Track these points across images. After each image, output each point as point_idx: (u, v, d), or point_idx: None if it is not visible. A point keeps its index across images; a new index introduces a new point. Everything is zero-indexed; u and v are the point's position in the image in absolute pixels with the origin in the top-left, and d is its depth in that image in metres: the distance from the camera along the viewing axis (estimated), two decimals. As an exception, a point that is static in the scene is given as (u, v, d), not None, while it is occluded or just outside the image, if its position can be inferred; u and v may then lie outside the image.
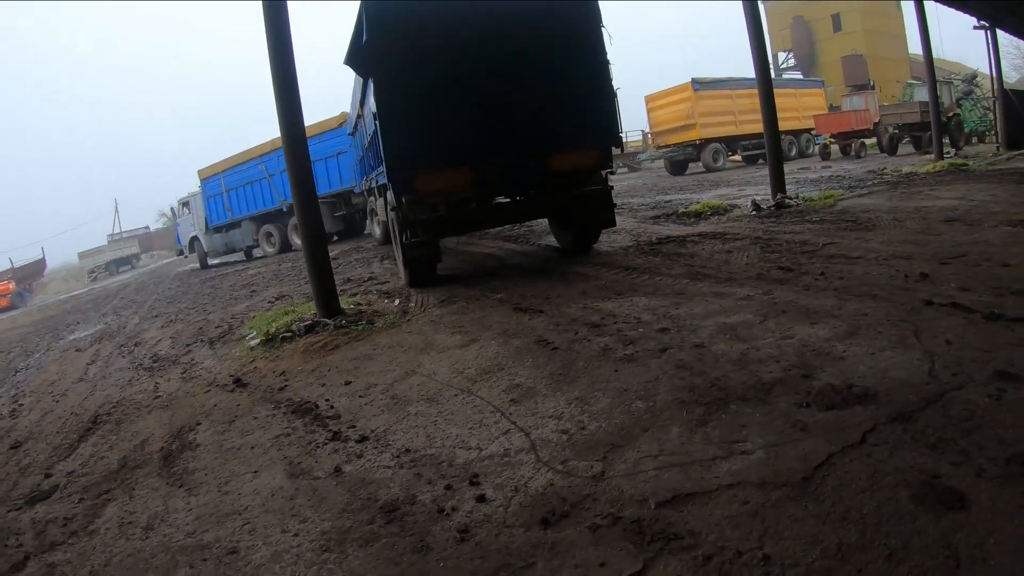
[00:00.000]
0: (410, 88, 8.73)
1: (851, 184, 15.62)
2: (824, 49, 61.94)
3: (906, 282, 5.91)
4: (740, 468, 3.09)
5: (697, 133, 31.72)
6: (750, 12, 13.15)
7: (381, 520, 3.26)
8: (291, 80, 8.11)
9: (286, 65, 8.07)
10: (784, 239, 8.85)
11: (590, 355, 5.18)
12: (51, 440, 6.00)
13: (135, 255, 64.92)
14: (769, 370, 4.20)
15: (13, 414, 7.52)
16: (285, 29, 8.08)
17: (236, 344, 8.37)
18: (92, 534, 3.83)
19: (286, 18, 8.10)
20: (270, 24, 8.02)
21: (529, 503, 3.15)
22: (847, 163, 25.30)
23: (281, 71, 8.05)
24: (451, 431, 4.21)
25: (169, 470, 4.58)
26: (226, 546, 3.34)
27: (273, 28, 8.02)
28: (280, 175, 23.74)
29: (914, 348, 4.24)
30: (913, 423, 3.25)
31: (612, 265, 8.86)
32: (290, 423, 4.99)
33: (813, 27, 62.85)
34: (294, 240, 24.23)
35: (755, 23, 13.24)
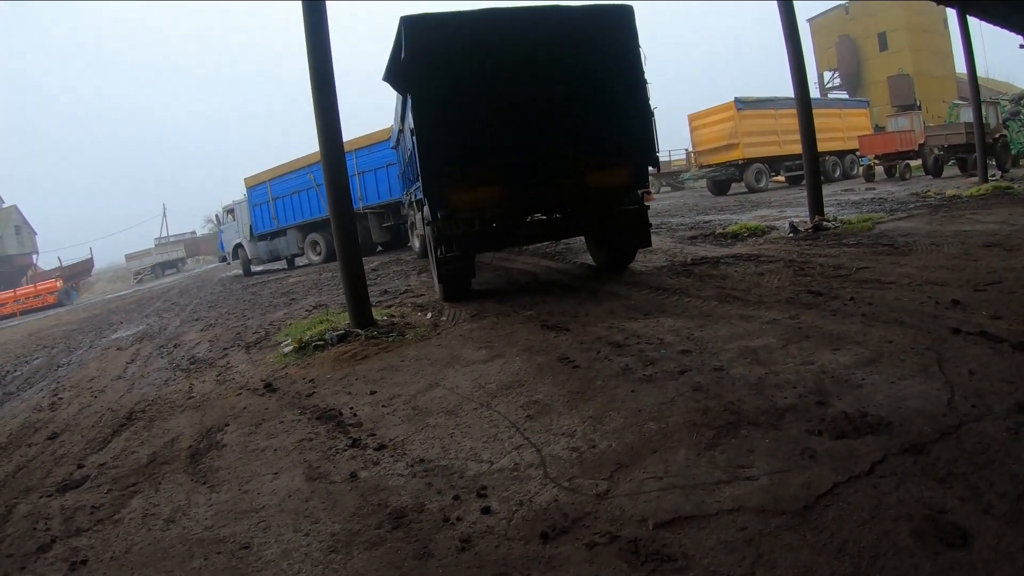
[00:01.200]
0: (447, 104, 8.86)
1: (892, 207, 15.46)
2: (870, 68, 61.33)
3: (936, 309, 5.83)
4: (742, 494, 3.09)
5: (740, 153, 31.52)
6: (788, 30, 13.05)
7: (389, 525, 3.33)
8: (330, 92, 8.30)
9: (325, 77, 8.26)
10: (818, 262, 8.78)
11: (609, 374, 5.20)
12: (86, 433, 6.20)
13: (181, 259, 65.84)
14: (784, 396, 4.19)
15: (52, 407, 7.77)
16: (324, 40, 8.28)
17: (271, 350, 8.50)
18: (116, 523, 3.97)
19: (326, 28, 8.28)
20: (310, 36, 8.22)
21: (532, 517, 3.18)
22: (891, 185, 25.04)
23: (320, 82, 8.24)
24: (466, 444, 4.27)
25: (195, 467, 4.73)
26: (240, 541, 3.44)
27: (313, 40, 8.22)
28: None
29: (935, 377, 4.18)
30: (925, 455, 3.20)
31: (643, 285, 8.85)
32: (314, 428, 5.09)
33: (859, 45, 62.29)
34: None
35: (794, 41, 13.13)
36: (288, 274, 22.95)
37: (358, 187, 22.99)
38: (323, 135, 8.31)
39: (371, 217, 23.87)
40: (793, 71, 13.20)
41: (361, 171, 23.21)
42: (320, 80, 8.24)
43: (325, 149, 8.37)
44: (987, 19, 22.62)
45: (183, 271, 60.95)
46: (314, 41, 8.22)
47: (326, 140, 8.33)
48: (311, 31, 8.21)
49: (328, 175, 8.46)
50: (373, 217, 23.89)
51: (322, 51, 8.24)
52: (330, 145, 8.36)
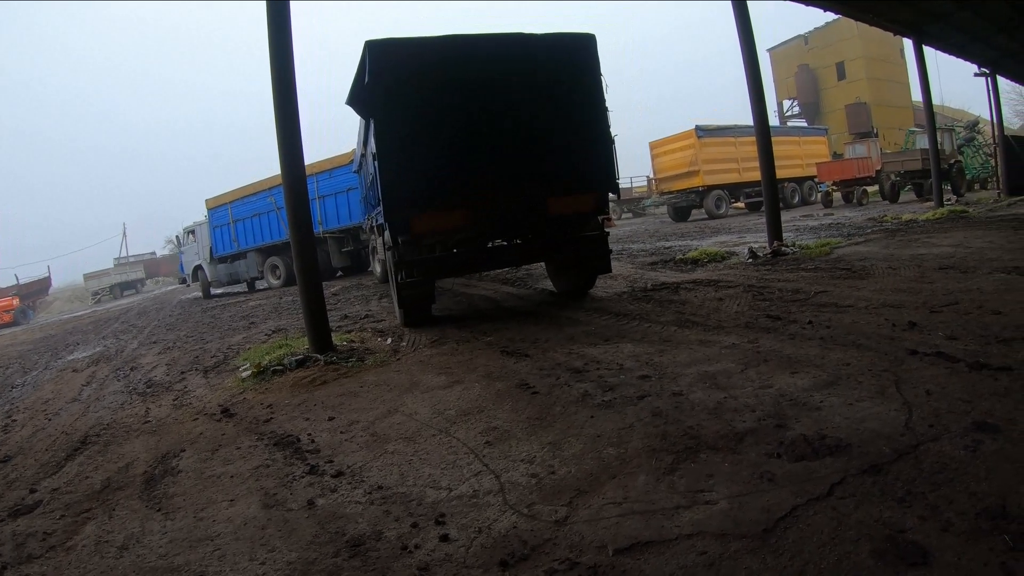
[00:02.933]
0: (409, 130, 8.83)
1: (850, 232, 15.69)
2: (829, 97, 62.53)
3: (893, 331, 5.92)
4: (702, 518, 3.09)
5: (700, 180, 31.94)
6: (748, 59, 13.25)
7: (346, 554, 3.28)
8: (293, 114, 8.29)
9: (288, 98, 8.22)
10: (777, 287, 8.87)
11: (568, 400, 5.19)
12: (40, 457, 6.07)
13: (140, 280, 65.27)
14: (743, 419, 4.20)
15: (5, 429, 7.62)
16: (288, 65, 8.22)
17: (229, 374, 8.41)
18: (69, 550, 3.89)
19: (290, 53, 8.24)
20: (275, 61, 8.18)
21: (491, 544, 3.15)
22: (849, 210, 25.46)
23: (283, 104, 8.21)
24: (424, 470, 4.22)
25: (150, 493, 4.63)
26: (195, 570, 3.37)
27: (278, 65, 8.18)
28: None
29: (893, 399, 4.23)
30: (883, 475, 3.23)
31: (604, 311, 8.87)
32: (271, 455, 5.02)
33: (818, 75, 63.58)
34: None
35: (753, 70, 13.32)
36: (248, 297, 22.80)
37: (318, 211, 23.06)
38: (284, 159, 8.27)
39: (331, 242, 23.88)
40: (753, 100, 13.39)
41: (321, 195, 23.28)
42: (283, 101, 8.22)
43: (286, 172, 8.32)
44: (944, 49, 23.12)
45: (142, 292, 60.34)
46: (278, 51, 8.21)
47: (287, 164, 8.29)
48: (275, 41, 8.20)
49: (289, 199, 8.43)
50: (333, 242, 23.90)
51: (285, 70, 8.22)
52: (291, 169, 8.32)
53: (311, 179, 22.17)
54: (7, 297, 52.14)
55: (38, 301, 58.14)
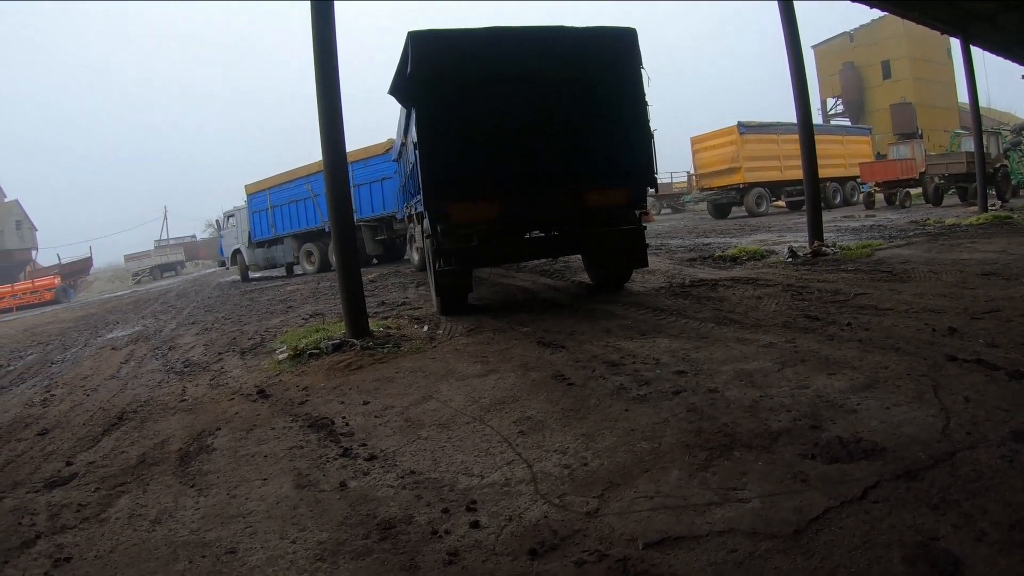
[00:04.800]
0: (450, 119, 9.02)
1: (892, 234, 15.48)
2: (873, 96, 61.56)
3: (933, 336, 5.83)
4: (733, 516, 3.07)
5: (741, 177, 31.70)
6: (793, 56, 13.12)
7: (376, 536, 3.31)
8: (335, 101, 8.37)
9: (331, 87, 8.32)
10: (816, 287, 8.79)
11: (604, 393, 5.19)
12: (77, 431, 6.19)
13: (180, 262, 66.05)
14: (779, 419, 4.17)
15: (44, 403, 7.78)
16: (332, 54, 8.34)
17: (266, 356, 8.50)
18: (103, 522, 3.95)
19: (334, 45, 8.35)
20: (318, 51, 8.28)
21: (521, 533, 3.16)
22: (891, 213, 25.10)
23: (327, 93, 8.31)
24: (457, 457, 4.25)
25: (184, 470, 4.71)
26: (226, 546, 3.43)
27: (320, 53, 8.28)
28: (324, 196, 23.88)
29: (931, 404, 4.16)
30: (918, 481, 3.18)
31: (641, 305, 8.85)
32: (305, 436, 5.08)
33: (863, 73, 62.59)
34: (334, 260, 24.36)
35: (798, 67, 13.19)
36: (286, 282, 22.96)
37: (353, 200, 22.76)
38: (327, 145, 8.39)
39: (364, 230, 23.92)
40: (796, 98, 13.23)
41: (356, 184, 22.96)
42: (326, 89, 8.32)
43: (328, 160, 8.44)
44: (990, 49, 22.74)
45: (181, 274, 60.97)
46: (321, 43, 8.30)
47: (329, 151, 8.41)
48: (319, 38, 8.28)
49: (330, 186, 8.58)
50: (367, 230, 24.00)
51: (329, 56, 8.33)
52: (333, 156, 8.44)
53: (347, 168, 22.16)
54: (49, 276, 53.04)
55: (79, 281, 58.96)
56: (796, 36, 13.13)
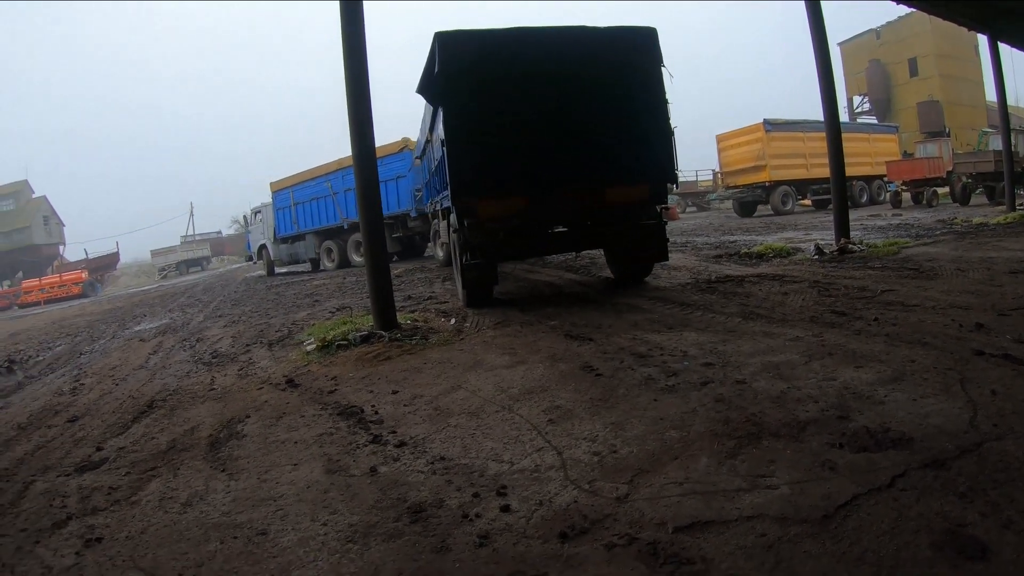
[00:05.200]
0: (476, 117, 9.30)
1: (919, 233, 15.37)
2: (900, 94, 60.88)
3: (960, 331, 5.81)
4: (762, 501, 3.10)
5: (767, 175, 31.51)
6: (819, 53, 13.07)
7: (407, 519, 3.35)
8: (364, 98, 8.52)
9: (360, 85, 8.45)
10: (843, 284, 8.76)
11: (632, 383, 5.22)
12: (106, 418, 6.28)
13: (206, 257, 66.55)
14: (806, 409, 4.19)
15: (74, 391, 7.89)
16: (361, 54, 8.45)
17: (293, 348, 8.58)
18: (134, 504, 4.02)
19: (363, 43, 8.48)
20: (348, 52, 8.41)
21: (551, 517, 3.20)
22: (918, 211, 24.88)
23: (355, 91, 8.44)
24: (487, 444, 4.29)
25: (214, 455, 4.78)
26: (257, 528, 3.48)
27: (351, 53, 8.41)
28: (343, 193, 24.88)
29: (958, 397, 4.18)
30: (946, 471, 3.20)
31: (667, 300, 8.88)
32: (335, 424, 5.14)
33: (889, 71, 61.86)
34: (353, 257, 25.18)
35: (825, 64, 13.13)
36: (312, 277, 23.09)
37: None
38: (356, 141, 8.49)
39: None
40: (823, 95, 13.17)
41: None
42: (355, 87, 8.44)
43: (357, 154, 8.55)
44: (1018, 46, 22.51)
45: (207, 269, 61.49)
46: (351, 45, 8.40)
47: (358, 146, 8.50)
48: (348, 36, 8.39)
49: (359, 180, 8.66)
50: (384, 227, 23.86)
51: (358, 57, 8.42)
52: (362, 151, 8.54)
53: None
54: (76, 271, 53.64)
55: (106, 275, 59.52)
56: (823, 34, 13.08)
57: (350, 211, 25.03)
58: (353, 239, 25.31)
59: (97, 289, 50.21)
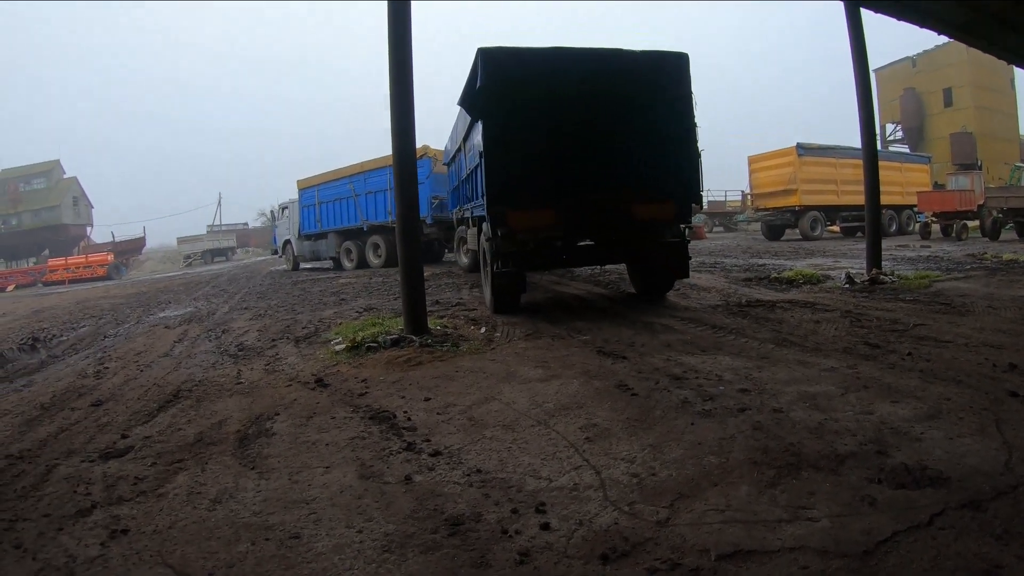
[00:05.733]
0: (514, 132, 9.71)
1: (948, 266, 15.26)
2: (933, 123, 60.46)
3: (994, 371, 5.78)
4: (804, 533, 3.10)
5: (797, 199, 31.35)
6: (860, 80, 13.04)
7: (445, 531, 3.35)
8: (407, 100, 8.57)
9: (404, 95, 8.55)
10: (874, 315, 8.72)
11: (668, 405, 5.21)
12: (131, 405, 6.32)
13: (231, 248, 66.98)
14: (844, 442, 4.19)
15: (98, 375, 7.96)
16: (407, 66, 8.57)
17: (321, 346, 8.62)
18: (160, 497, 4.02)
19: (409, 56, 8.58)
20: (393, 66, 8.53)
21: (592, 537, 3.20)
22: (947, 244, 24.67)
23: (400, 100, 8.53)
24: (523, 459, 4.29)
25: (243, 452, 4.78)
26: (290, 530, 3.47)
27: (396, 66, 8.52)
28: (364, 196, 25.37)
29: (993, 438, 4.18)
30: (982, 512, 3.21)
31: (699, 321, 8.89)
32: (366, 427, 5.14)
33: (924, 100, 61.41)
34: (370, 259, 25.53)
35: (865, 92, 13.10)
36: (338, 275, 23.13)
37: (389, 201, 23.77)
38: (397, 144, 8.59)
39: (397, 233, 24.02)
40: (862, 123, 13.14)
41: (390, 188, 23.64)
42: (399, 88, 8.52)
43: (398, 161, 8.68)
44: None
45: (232, 260, 61.72)
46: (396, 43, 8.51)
47: (399, 148, 8.60)
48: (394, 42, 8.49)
49: (398, 183, 8.74)
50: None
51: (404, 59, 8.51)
52: (402, 158, 8.65)
53: (385, 171, 23.42)
54: (102, 253, 54.15)
55: (131, 259, 60.07)
56: (864, 63, 13.08)
57: (369, 213, 25.47)
58: (371, 241, 25.70)
59: (122, 272, 50.73)
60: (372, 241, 25.65)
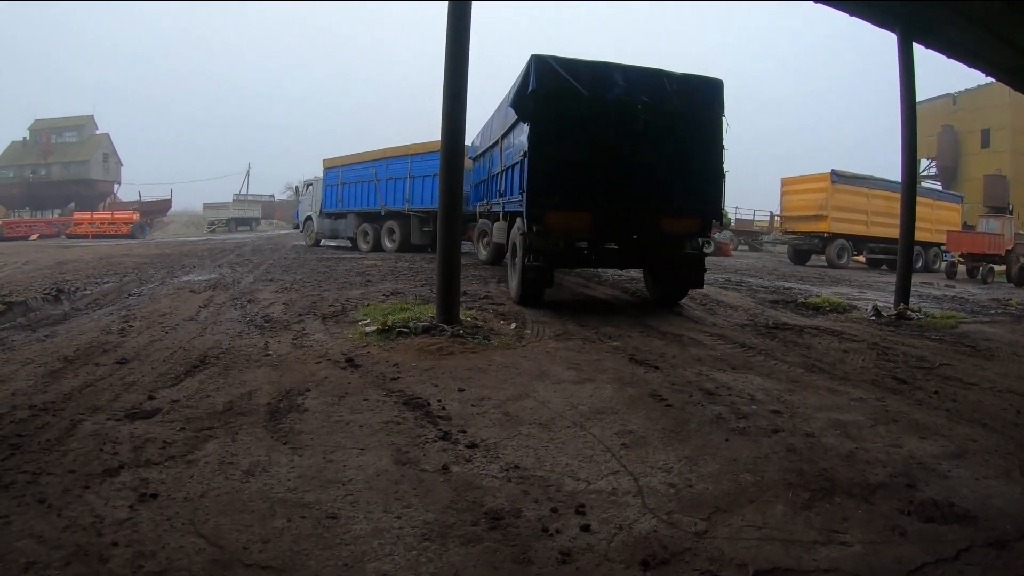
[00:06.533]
0: (559, 136, 10.39)
1: (973, 309, 15.18)
2: (968, 163, 59.80)
3: (1018, 417, 5.82)
4: (838, 556, 3.17)
5: (827, 226, 31.26)
6: (907, 115, 13.07)
7: (485, 525, 3.38)
8: (461, 92, 8.66)
9: (459, 84, 8.65)
10: (901, 350, 8.72)
11: (703, 419, 5.27)
12: (157, 367, 6.35)
13: (256, 219, 67.09)
14: (875, 472, 4.25)
15: (122, 332, 8.04)
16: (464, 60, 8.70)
17: (349, 326, 8.66)
18: (191, 464, 4.03)
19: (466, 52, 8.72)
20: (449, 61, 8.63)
21: (632, 543, 3.25)
22: (971, 286, 24.53)
23: (453, 82, 8.61)
24: (561, 459, 4.33)
25: (275, 425, 4.80)
26: (326, 510, 3.48)
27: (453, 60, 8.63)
28: (385, 181, 25.88)
29: (1018, 482, 4.25)
30: (1007, 551, 3.30)
31: (728, 339, 8.95)
32: (400, 413, 5.17)
33: (961, 139, 60.79)
34: (385, 243, 26.07)
35: (910, 126, 13.10)
36: (363, 256, 23.14)
37: (407, 189, 24.72)
38: (446, 136, 8.67)
39: (413, 219, 24.97)
40: (904, 157, 13.13)
41: (413, 175, 24.63)
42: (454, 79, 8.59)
43: (446, 148, 8.72)
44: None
45: (256, 231, 61.87)
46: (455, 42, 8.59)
47: (448, 141, 8.68)
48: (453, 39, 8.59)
49: (444, 173, 8.81)
50: (415, 220, 24.96)
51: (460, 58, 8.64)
52: (451, 146, 8.70)
53: (406, 159, 24.47)
54: (129, 211, 54.51)
55: (156, 220, 60.48)
56: (912, 98, 13.06)
57: (388, 199, 25.86)
58: (387, 226, 26.11)
59: (146, 232, 51.08)
60: (388, 226, 26.06)
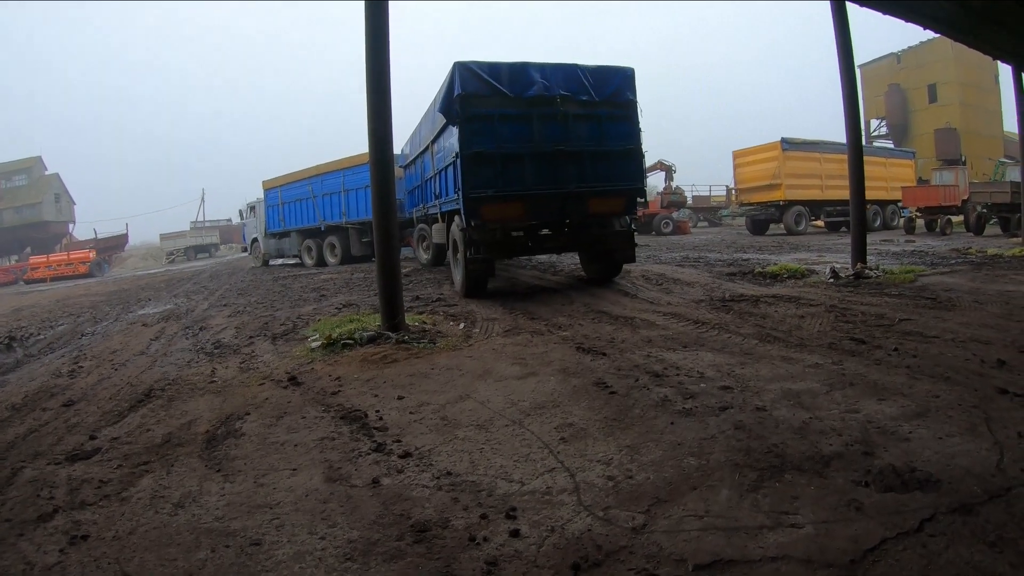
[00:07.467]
0: (487, 135, 11.16)
1: (933, 261, 15.28)
2: (918, 119, 60.49)
3: (982, 367, 5.70)
4: (787, 541, 2.98)
5: (782, 194, 31.41)
6: (845, 76, 13.03)
7: (410, 538, 3.25)
8: (384, 101, 8.70)
9: (381, 101, 8.64)
10: (860, 310, 8.64)
11: (648, 404, 5.12)
12: (103, 405, 6.25)
13: (214, 244, 66.89)
14: (830, 443, 4.08)
15: (72, 374, 7.90)
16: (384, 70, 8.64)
17: (298, 343, 8.55)
18: (123, 501, 3.95)
19: (386, 59, 8.67)
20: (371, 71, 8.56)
21: (563, 545, 3.09)
22: (931, 239, 24.73)
23: (377, 88, 8.61)
24: (496, 461, 4.18)
25: (210, 453, 4.71)
26: (251, 536, 3.39)
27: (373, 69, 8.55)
28: (321, 198, 26.73)
29: (984, 437, 4.07)
30: (974, 516, 3.11)
31: (682, 317, 8.86)
32: (337, 428, 5.06)
33: (908, 96, 61.45)
34: (328, 258, 26.75)
35: (850, 88, 13.07)
36: (319, 271, 23.27)
37: (343, 203, 25.43)
38: (374, 146, 8.68)
39: (351, 232, 25.57)
40: (847, 118, 13.14)
41: (347, 189, 25.28)
42: (376, 86, 8.55)
43: (375, 160, 8.76)
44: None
45: (215, 256, 61.66)
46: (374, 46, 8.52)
47: (376, 152, 8.71)
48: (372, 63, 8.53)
49: (375, 180, 8.79)
50: (354, 232, 25.57)
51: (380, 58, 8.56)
52: (379, 158, 8.72)
53: (339, 174, 25.12)
54: (84, 250, 53.91)
55: (113, 256, 59.81)
56: (850, 59, 13.03)
57: (326, 214, 26.47)
58: (328, 241, 26.72)
59: (104, 269, 50.58)
60: (329, 241, 26.69)
